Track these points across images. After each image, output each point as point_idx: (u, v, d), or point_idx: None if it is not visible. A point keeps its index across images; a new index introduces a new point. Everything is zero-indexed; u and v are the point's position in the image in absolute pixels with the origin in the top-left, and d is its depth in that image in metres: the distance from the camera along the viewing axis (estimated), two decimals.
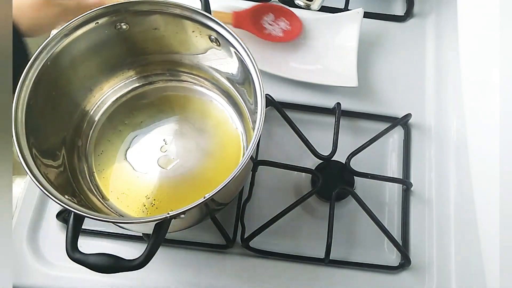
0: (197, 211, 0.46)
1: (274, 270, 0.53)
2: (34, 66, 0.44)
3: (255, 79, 0.45)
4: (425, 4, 0.68)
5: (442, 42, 0.65)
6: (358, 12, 0.61)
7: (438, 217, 0.56)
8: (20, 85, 0.43)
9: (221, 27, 0.46)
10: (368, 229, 0.55)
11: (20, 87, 0.43)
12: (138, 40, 0.52)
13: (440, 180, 0.58)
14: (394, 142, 0.61)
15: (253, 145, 0.41)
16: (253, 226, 0.53)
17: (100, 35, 0.49)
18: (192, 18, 0.47)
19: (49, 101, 0.48)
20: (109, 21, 0.48)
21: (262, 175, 0.57)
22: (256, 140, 0.42)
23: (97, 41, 0.49)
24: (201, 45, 0.52)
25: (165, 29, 0.50)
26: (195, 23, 0.48)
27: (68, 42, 0.46)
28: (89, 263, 0.39)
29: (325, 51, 0.63)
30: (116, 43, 0.51)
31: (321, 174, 0.55)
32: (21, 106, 0.43)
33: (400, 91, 0.63)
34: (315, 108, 0.61)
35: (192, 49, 0.53)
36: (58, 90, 0.49)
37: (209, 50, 0.52)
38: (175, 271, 0.53)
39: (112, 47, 0.52)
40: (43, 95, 0.46)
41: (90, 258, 0.39)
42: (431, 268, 0.54)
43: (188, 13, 0.47)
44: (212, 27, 0.47)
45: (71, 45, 0.47)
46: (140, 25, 0.50)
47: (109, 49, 0.52)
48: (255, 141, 0.42)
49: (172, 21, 0.49)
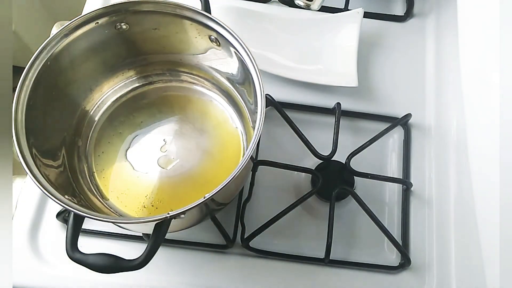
0: (197, 211, 0.46)
1: (274, 270, 0.53)
2: (34, 66, 0.44)
3: (255, 79, 0.45)
4: (425, 4, 0.68)
5: (442, 42, 0.65)
6: (358, 12, 0.61)
7: (438, 217, 0.56)
8: (20, 85, 0.43)
9: (221, 27, 0.46)
10: (368, 229, 0.55)
11: (20, 87, 0.43)
12: (138, 40, 0.52)
13: (440, 180, 0.58)
14: (394, 142, 0.61)
15: (253, 145, 0.41)
16: (253, 226, 0.53)
17: (100, 35, 0.49)
18: (192, 18, 0.47)
19: (49, 101, 0.48)
20: (109, 21, 0.48)
21: (262, 175, 0.57)
22: (256, 140, 0.42)
23: (97, 41, 0.49)
24: (201, 45, 0.52)
25: (165, 29, 0.50)
26: (195, 23, 0.48)
27: (68, 42, 0.46)
28: (89, 263, 0.39)
29: (325, 51, 0.63)
30: (116, 43, 0.51)
31: (321, 174, 0.55)
32: (21, 106, 0.43)
33: (400, 91, 0.63)
34: (315, 108, 0.61)
35: (192, 49, 0.53)
36: (58, 90, 0.49)
37: (209, 50, 0.52)
38: (175, 271, 0.53)
39: (112, 47, 0.52)
40: (43, 95, 0.46)
41: (90, 258, 0.39)
42: (431, 268, 0.54)
43: (188, 13, 0.47)
44: (212, 27, 0.47)
45: (71, 45, 0.47)
46: (140, 25, 0.50)
47: (109, 49, 0.52)
48: (255, 141, 0.42)
49: (172, 21, 0.49)
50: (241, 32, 0.62)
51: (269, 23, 0.63)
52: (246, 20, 0.63)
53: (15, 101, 0.42)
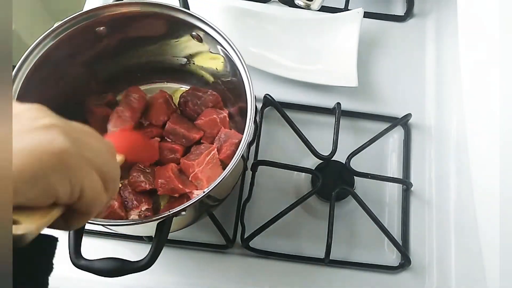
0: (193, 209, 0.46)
1: (274, 270, 0.53)
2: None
3: (242, 74, 0.45)
4: (425, 4, 0.68)
5: (442, 42, 0.65)
6: (358, 12, 0.61)
7: (438, 217, 0.56)
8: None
9: (205, 24, 0.46)
10: (368, 229, 0.55)
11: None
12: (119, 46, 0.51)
13: (440, 180, 0.58)
14: (394, 142, 0.61)
15: (243, 145, 0.42)
16: (253, 226, 0.53)
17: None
18: (172, 15, 0.47)
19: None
20: (88, 25, 0.47)
21: (262, 175, 0.57)
22: (246, 137, 0.42)
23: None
24: (184, 44, 0.51)
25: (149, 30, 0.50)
26: (176, 21, 0.47)
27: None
28: (95, 269, 0.38)
29: (325, 51, 0.63)
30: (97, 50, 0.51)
31: (321, 174, 0.55)
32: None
33: (400, 91, 0.63)
34: (315, 108, 0.61)
35: (177, 50, 0.53)
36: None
37: (193, 47, 0.51)
38: (175, 271, 0.53)
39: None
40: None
41: (96, 264, 0.39)
42: (431, 268, 0.54)
43: (167, 11, 0.47)
44: (194, 24, 0.47)
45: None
46: (120, 28, 0.49)
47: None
48: (247, 137, 0.42)
49: (154, 22, 0.48)
50: (241, 32, 0.62)
51: (269, 23, 0.63)
52: (246, 20, 0.63)
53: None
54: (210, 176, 0.49)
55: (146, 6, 0.47)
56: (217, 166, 0.50)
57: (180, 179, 0.49)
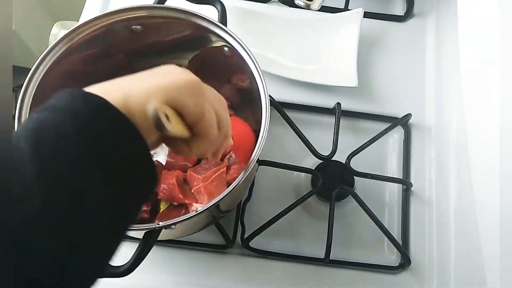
0: (202, 219, 0.46)
1: (274, 270, 0.53)
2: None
3: (260, 88, 0.45)
4: (425, 4, 0.68)
5: (442, 42, 0.65)
6: (358, 12, 0.61)
7: (438, 217, 0.56)
8: (22, 97, 0.43)
9: (233, 39, 0.47)
10: (368, 229, 0.55)
11: (22, 98, 0.43)
12: (148, 44, 0.52)
13: (440, 180, 0.58)
14: (394, 142, 0.61)
15: (258, 151, 0.42)
16: (253, 226, 0.53)
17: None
18: (208, 28, 0.47)
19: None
20: (126, 22, 0.47)
21: (262, 175, 0.57)
22: (261, 145, 0.42)
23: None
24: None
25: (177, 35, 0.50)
26: (211, 34, 0.48)
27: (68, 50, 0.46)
28: None
29: (325, 51, 0.63)
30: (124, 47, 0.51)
31: (321, 174, 0.55)
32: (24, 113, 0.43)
33: (400, 91, 0.63)
34: (315, 108, 0.61)
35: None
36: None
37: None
38: (175, 271, 0.53)
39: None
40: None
41: None
42: (431, 268, 0.54)
43: (205, 24, 0.47)
44: (225, 39, 0.47)
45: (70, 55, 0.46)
46: (154, 30, 0.49)
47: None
48: (261, 145, 0.42)
49: (187, 29, 0.49)
50: (241, 32, 0.62)
51: (269, 23, 0.63)
52: (246, 20, 0.63)
53: (17, 110, 0.42)
54: (213, 192, 0.48)
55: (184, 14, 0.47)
56: (222, 185, 0.49)
57: (182, 189, 0.49)
